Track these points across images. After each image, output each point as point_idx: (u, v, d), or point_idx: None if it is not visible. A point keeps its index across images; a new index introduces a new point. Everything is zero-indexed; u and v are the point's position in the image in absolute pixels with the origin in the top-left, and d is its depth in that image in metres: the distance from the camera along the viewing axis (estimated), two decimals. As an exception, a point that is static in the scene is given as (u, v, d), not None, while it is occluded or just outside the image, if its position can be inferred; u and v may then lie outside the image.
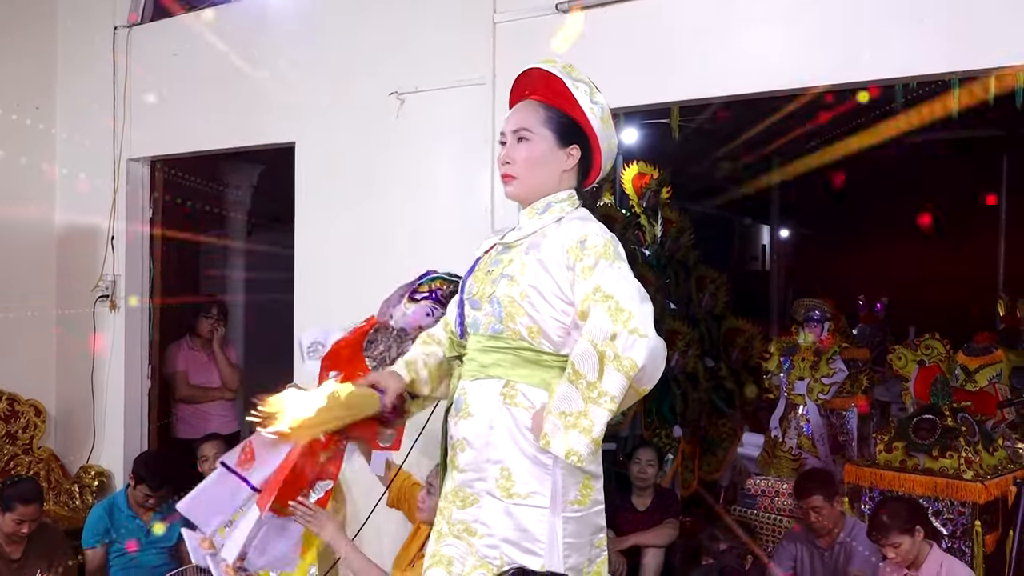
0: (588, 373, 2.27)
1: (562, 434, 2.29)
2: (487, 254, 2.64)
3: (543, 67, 2.55)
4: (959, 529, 4.66)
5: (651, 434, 6.44)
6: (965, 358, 5.55)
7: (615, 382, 2.26)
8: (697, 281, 7.56)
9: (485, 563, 2.40)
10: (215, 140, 5.45)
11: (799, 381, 6.24)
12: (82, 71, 5.82)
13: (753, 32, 3.91)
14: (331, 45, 4.94)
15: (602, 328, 2.26)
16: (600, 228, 2.42)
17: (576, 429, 2.28)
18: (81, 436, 5.77)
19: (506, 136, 2.57)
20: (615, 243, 2.39)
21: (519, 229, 2.58)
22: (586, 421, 2.28)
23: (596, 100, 2.53)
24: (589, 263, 2.34)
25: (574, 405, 2.28)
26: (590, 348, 2.27)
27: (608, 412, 2.28)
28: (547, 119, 2.52)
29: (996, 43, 3.43)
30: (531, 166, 2.52)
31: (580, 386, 2.28)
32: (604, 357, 2.25)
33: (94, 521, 4.91)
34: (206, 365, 6.07)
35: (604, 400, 2.27)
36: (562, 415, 2.29)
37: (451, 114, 4.58)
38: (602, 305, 2.28)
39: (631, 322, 2.26)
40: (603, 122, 2.55)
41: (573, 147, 2.54)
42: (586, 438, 2.28)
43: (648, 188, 7.29)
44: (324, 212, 4.95)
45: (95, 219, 5.70)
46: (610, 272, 2.32)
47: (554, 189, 2.55)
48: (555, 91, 2.53)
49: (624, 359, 2.25)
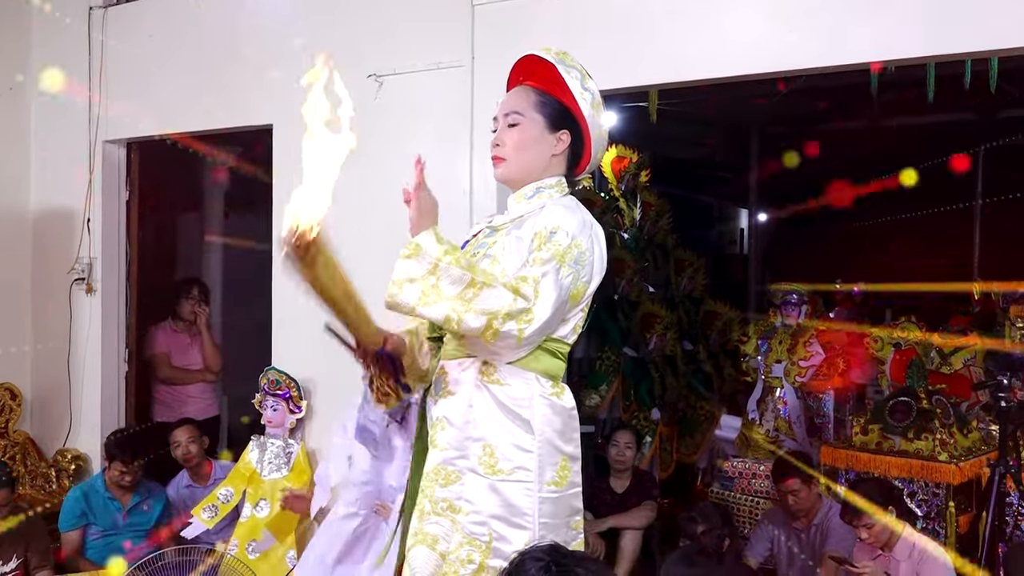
0: (468, 291, 2.25)
1: (402, 262, 2.29)
2: (475, 237, 2.66)
3: (537, 53, 2.58)
4: (933, 510, 4.71)
5: (629, 417, 6.47)
6: (940, 341, 5.60)
7: (467, 318, 2.23)
8: (676, 264, 7.59)
9: (472, 539, 2.41)
10: (192, 122, 5.40)
11: (776, 364, 6.29)
12: (57, 52, 5.76)
13: (731, 16, 3.92)
14: (309, 27, 4.91)
15: (507, 304, 2.25)
16: (576, 224, 2.41)
17: (407, 263, 2.29)
18: (57, 420, 5.74)
19: (498, 120, 2.59)
20: (577, 249, 2.38)
21: (507, 213, 2.60)
22: (411, 273, 2.28)
23: (587, 87, 2.55)
24: (544, 256, 2.35)
25: (440, 273, 2.26)
26: (493, 299, 2.25)
27: (415, 297, 2.26)
28: (538, 104, 2.54)
29: (974, 28, 3.45)
30: (521, 149, 2.53)
31: (457, 274, 2.26)
32: (492, 320, 2.23)
33: (71, 504, 4.90)
34: (188, 347, 6.05)
35: (433, 298, 2.25)
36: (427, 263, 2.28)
37: (430, 97, 4.57)
38: (526, 289, 2.29)
39: (525, 328, 2.27)
40: (594, 108, 2.56)
41: (563, 132, 2.55)
42: (397, 274, 2.29)
43: (627, 171, 7.30)
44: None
45: (71, 201, 5.65)
46: (552, 276, 2.32)
47: (543, 174, 2.56)
48: (548, 77, 2.55)
49: (490, 335, 2.25)
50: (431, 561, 2.47)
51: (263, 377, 4.88)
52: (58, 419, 5.74)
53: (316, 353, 4.78)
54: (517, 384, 2.43)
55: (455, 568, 2.43)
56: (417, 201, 2.39)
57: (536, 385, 2.44)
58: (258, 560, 4.65)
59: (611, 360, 6.56)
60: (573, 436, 2.50)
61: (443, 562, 2.45)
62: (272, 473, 4.80)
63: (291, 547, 4.73)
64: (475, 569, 2.40)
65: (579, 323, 2.53)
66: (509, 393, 2.43)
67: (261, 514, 4.72)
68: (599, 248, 2.48)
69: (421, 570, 2.48)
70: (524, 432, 2.41)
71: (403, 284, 2.28)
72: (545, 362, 2.46)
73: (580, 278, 2.40)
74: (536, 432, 2.41)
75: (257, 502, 4.75)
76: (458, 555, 2.43)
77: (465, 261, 2.31)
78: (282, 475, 4.77)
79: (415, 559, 2.50)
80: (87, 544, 4.88)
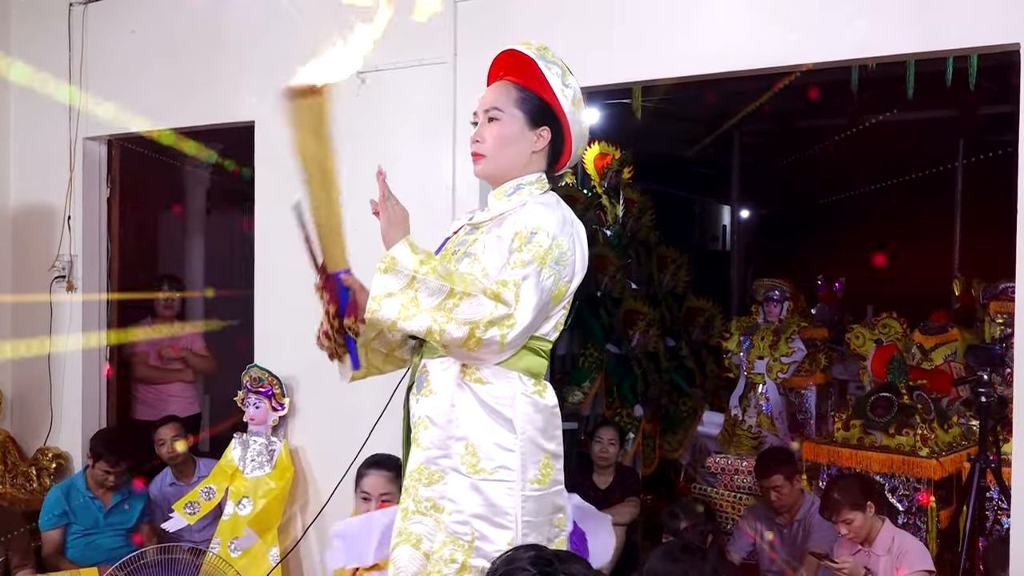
0: (448, 301, 2.26)
1: (381, 275, 2.30)
2: (455, 235, 2.66)
3: (518, 48, 2.56)
4: (914, 505, 4.74)
5: (612, 413, 6.48)
6: (921, 337, 5.63)
7: (449, 329, 2.25)
8: (658, 261, 7.61)
9: (455, 539, 2.42)
10: (173, 119, 5.37)
11: (759, 360, 6.32)
12: (37, 48, 5.72)
13: (714, 12, 3.92)
14: (291, 23, 4.88)
15: (488, 312, 2.27)
16: (556, 223, 2.41)
17: (385, 278, 2.29)
18: (38, 418, 5.70)
19: (478, 115, 2.57)
20: (559, 249, 2.38)
21: (487, 210, 2.59)
22: (389, 288, 2.29)
23: (568, 83, 2.54)
24: (525, 258, 2.34)
25: (418, 285, 2.27)
26: (474, 308, 2.26)
27: (400, 318, 2.27)
28: (518, 99, 2.52)
29: (955, 25, 3.46)
30: (500, 146, 2.52)
31: (435, 284, 2.26)
32: (474, 330, 2.25)
33: (51, 503, 4.88)
34: (168, 345, 6.03)
35: (413, 311, 2.26)
36: (405, 278, 2.29)
37: (412, 93, 4.56)
38: (507, 294, 2.30)
39: (508, 333, 2.29)
40: (574, 105, 2.55)
41: (544, 129, 2.53)
42: (375, 290, 2.30)
43: (610, 168, 7.31)
44: (284, 191, 4.89)
45: (51, 198, 5.61)
46: (533, 280, 2.33)
47: (523, 170, 2.55)
48: (528, 72, 2.54)
49: (474, 344, 2.27)
50: (415, 560, 2.47)
51: (245, 374, 4.86)
52: (39, 417, 5.70)
53: (298, 351, 4.77)
54: (499, 383, 2.43)
55: (438, 567, 2.43)
56: (386, 212, 2.39)
57: (518, 383, 2.44)
58: (240, 558, 4.63)
59: (594, 357, 6.57)
60: (555, 434, 2.50)
61: (427, 561, 2.45)
62: (255, 471, 4.78)
63: (274, 544, 4.72)
64: (458, 568, 2.41)
65: (560, 320, 2.52)
66: (491, 392, 2.43)
67: (244, 512, 4.70)
68: (580, 246, 2.48)
69: (405, 569, 2.48)
70: (506, 431, 2.41)
71: (382, 300, 2.29)
72: (527, 360, 2.46)
73: (562, 278, 2.40)
74: (518, 431, 2.41)
75: (240, 500, 4.73)
76: (441, 554, 2.43)
77: (443, 269, 2.31)
78: (265, 473, 4.75)
79: (399, 558, 2.50)
80: (67, 543, 4.86)
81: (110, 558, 4.61)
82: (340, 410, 4.50)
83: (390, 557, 2.55)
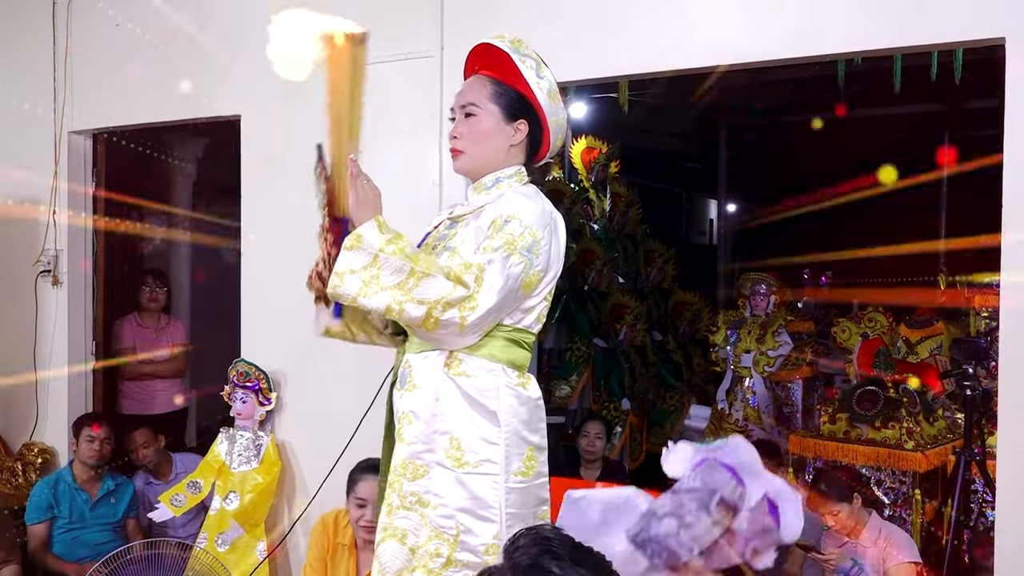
0: (409, 280, 2.28)
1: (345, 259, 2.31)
2: (436, 229, 2.66)
3: (491, 42, 2.55)
4: (900, 498, 4.76)
5: (599, 407, 6.49)
6: (907, 331, 5.65)
7: (407, 307, 2.28)
8: (645, 255, 7.62)
9: (440, 533, 2.42)
10: (159, 113, 5.35)
11: (745, 354, 6.33)
12: (20, 41, 5.69)
13: (700, 7, 3.92)
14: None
15: (447, 292, 2.28)
16: (533, 213, 2.41)
17: (349, 255, 2.30)
18: (23, 413, 5.68)
19: (455, 111, 2.58)
20: (532, 237, 2.38)
21: (467, 204, 2.60)
22: (353, 265, 2.30)
23: (543, 75, 2.54)
24: (494, 244, 2.36)
25: (381, 263, 2.29)
26: (432, 288, 2.28)
27: (361, 295, 2.30)
28: (494, 94, 2.53)
29: (941, 19, 3.47)
30: (478, 141, 2.53)
31: (397, 264, 2.28)
32: (431, 310, 2.27)
33: (37, 496, 4.87)
34: (153, 341, 6.01)
35: (374, 288, 2.28)
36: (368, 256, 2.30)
37: (399, 87, 4.55)
38: (467, 277, 2.31)
39: (468, 315, 2.30)
40: (550, 97, 2.55)
41: (520, 122, 2.54)
42: (338, 266, 2.31)
43: (597, 162, 7.31)
44: (270, 186, 4.90)
45: (36, 192, 5.59)
46: (499, 264, 2.33)
47: (502, 164, 2.56)
48: (503, 66, 2.53)
49: (432, 324, 2.30)
50: (400, 555, 2.47)
51: (232, 369, 4.85)
52: (24, 412, 5.67)
53: (286, 345, 4.79)
54: (483, 375, 2.43)
55: (424, 562, 2.43)
56: (355, 191, 2.37)
57: (502, 376, 2.44)
58: (228, 552, 4.63)
59: (581, 351, 6.58)
60: (539, 426, 2.51)
61: (412, 556, 2.46)
62: (242, 465, 4.77)
63: (261, 538, 4.71)
64: (443, 563, 2.41)
65: (543, 312, 2.53)
66: (475, 384, 2.43)
67: (231, 507, 4.69)
68: (557, 237, 2.48)
69: (390, 564, 2.48)
70: (490, 424, 2.41)
71: (344, 276, 2.30)
72: (511, 352, 2.47)
73: (533, 266, 2.39)
74: (502, 423, 2.42)
75: (227, 495, 4.72)
76: (427, 549, 2.43)
77: (411, 250, 2.32)
78: (252, 467, 4.75)
79: (384, 554, 2.50)
80: (53, 538, 4.85)
81: (96, 553, 4.61)
82: (327, 405, 4.51)
83: (376, 553, 2.55)
